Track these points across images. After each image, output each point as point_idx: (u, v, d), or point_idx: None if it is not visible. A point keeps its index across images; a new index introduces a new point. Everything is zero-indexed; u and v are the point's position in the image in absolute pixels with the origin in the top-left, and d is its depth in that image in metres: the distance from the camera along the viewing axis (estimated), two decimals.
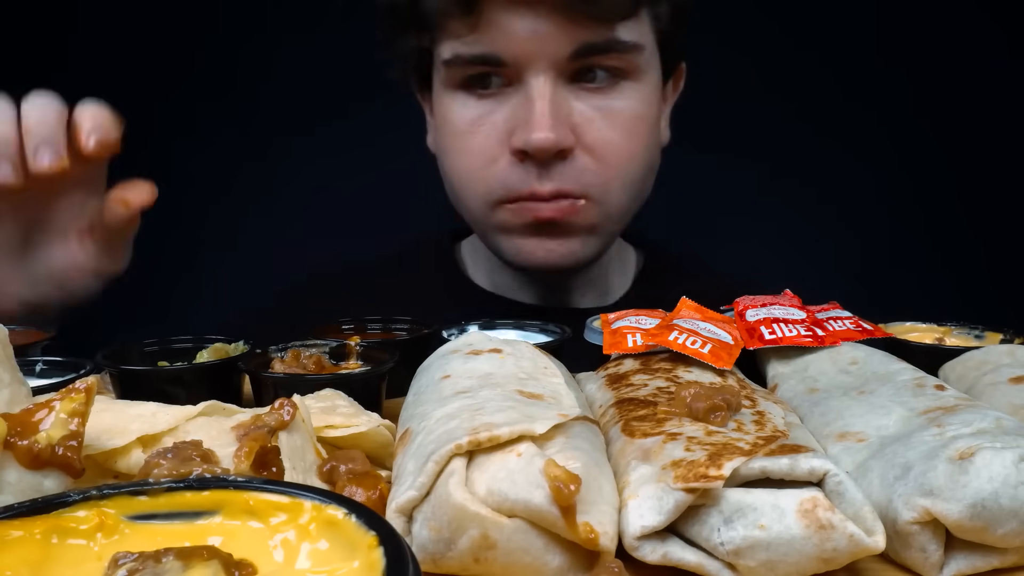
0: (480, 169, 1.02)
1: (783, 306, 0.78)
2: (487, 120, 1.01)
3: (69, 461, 0.45)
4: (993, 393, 0.63)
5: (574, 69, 0.98)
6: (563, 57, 0.96)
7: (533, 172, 0.99)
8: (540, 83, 0.96)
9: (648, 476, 0.47)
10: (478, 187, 1.04)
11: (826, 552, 0.44)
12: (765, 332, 0.73)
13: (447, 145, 1.07)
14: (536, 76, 0.96)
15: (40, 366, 0.73)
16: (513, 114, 0.99)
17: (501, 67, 0.98)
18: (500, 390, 0.55)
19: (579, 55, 0.96)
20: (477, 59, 0.98)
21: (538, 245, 1.03)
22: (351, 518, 0.36)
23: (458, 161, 1.05)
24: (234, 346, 0.79)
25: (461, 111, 1.03)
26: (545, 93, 0.96)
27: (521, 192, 1.00)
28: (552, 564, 0.44)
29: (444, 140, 1.07)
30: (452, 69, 1.01)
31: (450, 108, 1.04)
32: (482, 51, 0.97)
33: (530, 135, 0.95)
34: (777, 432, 0.51)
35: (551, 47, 0.95)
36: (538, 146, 0.95)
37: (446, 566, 0.45)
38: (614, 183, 1.03)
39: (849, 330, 0.74)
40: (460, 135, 1.03)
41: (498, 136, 1.00)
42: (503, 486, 0.44)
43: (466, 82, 1.02)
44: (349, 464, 0.52)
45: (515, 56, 0.96)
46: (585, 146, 0.99)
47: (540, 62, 0.96)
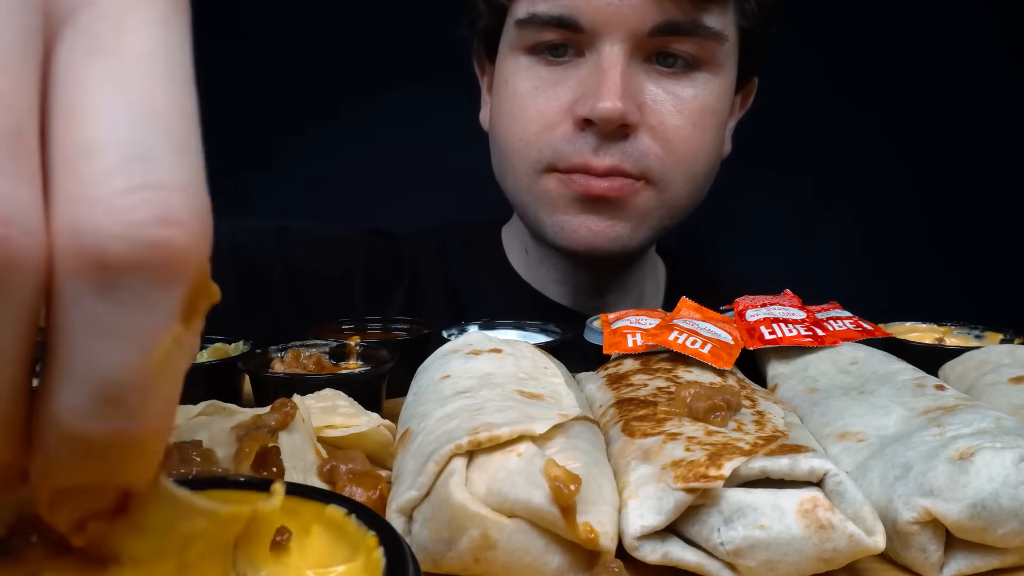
0: (536, 134, 0.99)
1: (783, 306, 0.78)
2: (553, 87, 0.98)
3: None
4: (993, 393, 0.63)
5: (651, 47, 0.95)
6: (643, 31, 0.93)
7: (592, 144, 0.96)
8: (614, 53, 0.93)
9: (648, 476, 0.47)
10: (529, 153, 1.00)
11: (826, 552, 0.44)
12: (765, 332, 0.73)
13: (505, 109, 1.03)
14: (612, 45, 0.94)
15: (40, 366, 0.73)
16: (581, 83, 0.96)
17: (576, 32, 0.95)
18: (500, 390, 0.55)
19: (659, 32, 0.94)
20: (554, 20, 0.95)
21: (583, 222, 0.99)
22: (351, 518, 0.36)
23: (513, 125, 1.01)
24: (234, 346, 0.79)
25: (526, 74, 1.00)
26: (618, 64, 0.93)
27: (574, 161, 0.97)
28: (552, 564, 0.44)
29: (503, 104, 1.03)
30: (525, 30, 0.98)
31: (514, 71, 1.01)
32: (560, 12, 0.94)
33: (597, 103, 0.92)
34: (777, 432, 0.51)
35: (633, 18, 0.93)
36: (604, 115, 0.92)
37: (446, 566, 0.45)
38: (676, 171, 0.99)
39: (849, 330, 0.74)
40: (521, 98, 1.00)
41: (561, 104, 0.97)
42: (503, 486, 0.44)
43: (536, 47, 0.99)
44: (349, 464, 0.52)
45: (593, 21, 0.93)
46: (651, 127, 0.96)
47: (618, 32, 0.93)
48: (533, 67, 0.99)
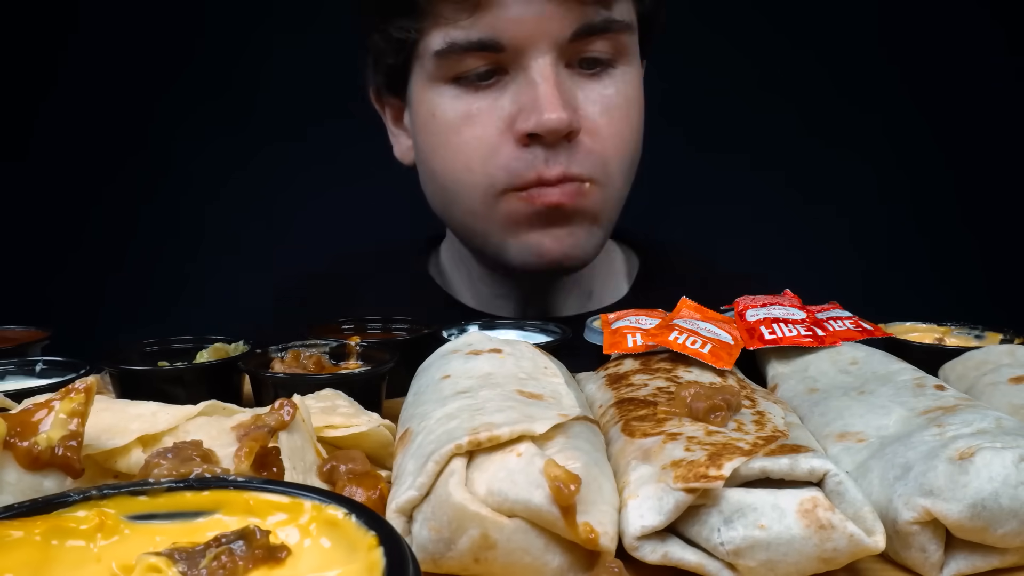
0: (482, 161, 0.98)
1: (783, 306, 0.78)
2: (485, 111, 0.98)
3: (69, 461, 0.46)
4: (993, 393, 0.63)
5: (572, 53, 0.97)
6: (564, 39, 0.94)
7: (540, 156, 0.96)
8: (544, 65, 0.94)
9: (648, 476, 0.47)
10: (479, 180, 0.99)
11: (826, 552, 0.44)
12: (765, 332, 0.73)
13: (436, 143, 1.02)
14: (539, 58, 0.94)
15: (40, 366, 0.74)
16: (515, 101, 0.96)
17: (498, 53, 0.95)
18: (500, 390, 0.55)
19: (579, 35, 0.95)
20: (474, 45, 0.95)
21: (545, 236, 1.00)
22: (351, 518, 0.36)
23: (455, 157, 1.00)
24: (234, 346, 0.79)
25: (454, 104, 0.99)
26: (549, 74, 0.94)
27: (528, 178, 0.97)
28: (552, 564, 0.44)
29: (432, 138, 1.02)
30: (445, 60, 0.96)
31: (440, 103, 0.99)
32: (480, 36, 0.94)
33: (541, 116, 0.93)
34: (777, 432, 0.51)
35: (553, 28, 0.94)
36: (551, 126, 0.93)
37: (446, 566, 0.45)
38: (615, 166, 1.01)
39: (849, 330, 0.74)
40: (456, 129, 0.99)
41: (498, 126, 0.97)
42: (503, 486, 0.44)
43: (457, 75, 0.98)
44: (349, 464, 0.52)
45: (515, 39, 0.94)
46: (587, 130, 0.98)
47: (542, 44, 0.94)
48: (461, 96, 0.98)
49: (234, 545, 0.35)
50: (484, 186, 0.99)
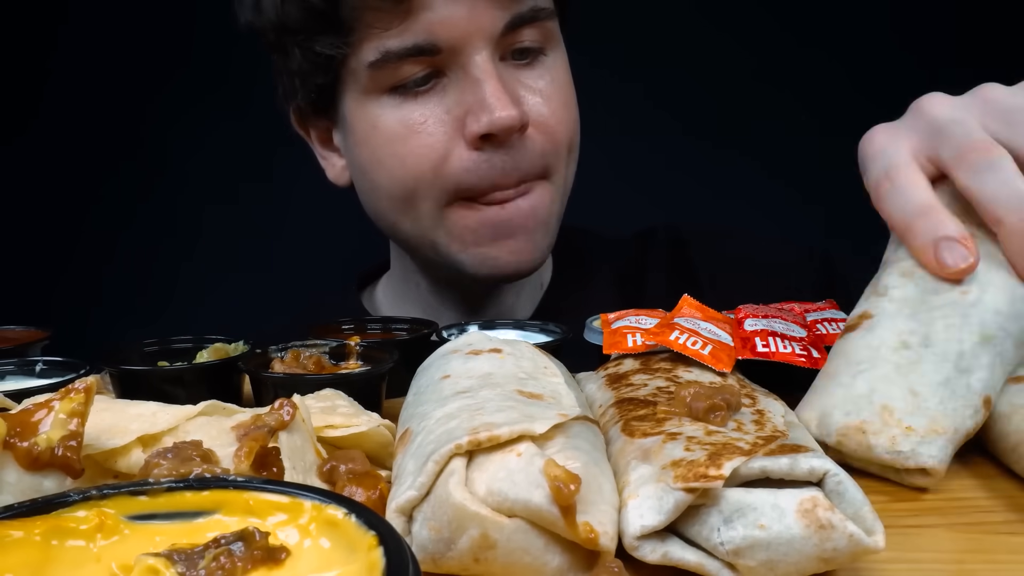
0: (433, 169, 0.95)
1: (785, 320, 0.77)
2: (430, 117, 0.95)
3: (68, 462, 0.46)
4: None
5: (505, 46, 0.96)
6: (497, 32, 0.93)
7: (494, 161, 0.94)
8: (483, 61, 0.93)
9: (648, 476, 0.47)
10: (429, 190, 0.97)
11: (826, 552, 0.44)
12: (759, 344, 0.71)
13: (381, 156, 0.98)
14: (476, 55, 0.93)
15: (40, 366, 0.74)
16: (459, 102, 0.94)
17: (435, 55, 0.93)
18: (500, 390, 0.55)
19: (509, 28, 0.94)
20: (410, 51, 0.92)
21: (503, 248, 0.99)
22: (351, 518, 0.36)
23: (402, 168, 0.97)
24: (234, 346, 0.79)
25: (395, 114, 0.96)
26: (492, 71, 0.93)
27: (483, 187, 0.96)
28: (552, 564, 0.44)
29: (376, 152, 0.99)
30: (380, 71, 0.94)
31: (379, 116, 0.97)
32: (415, 41, 0.91)
33: (493, 115, 0.91)
34: (777, 432, 0.51)
35: (486, 23, 0.92)
36: (504, 125, 0.91)
37: (446, 566, 0.45)
38: (562, 155, 1.01)
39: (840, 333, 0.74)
40: (399, 140, 0.96)
41: (446, 131, 0.95)
42: (503, 486, 0.44)
43: (395, 84, 0.95)
44: (349, 464, 0.52)
45: (451, 40, 0.92)
46: (533, 123, 0.96)
47: (478, 40, 0.92)
48: (401, 105, 0.96)
49: (233, 546, 0.35)
50: (435, 196, 0.97)
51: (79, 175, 2.40)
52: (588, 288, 1.16)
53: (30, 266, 2.37)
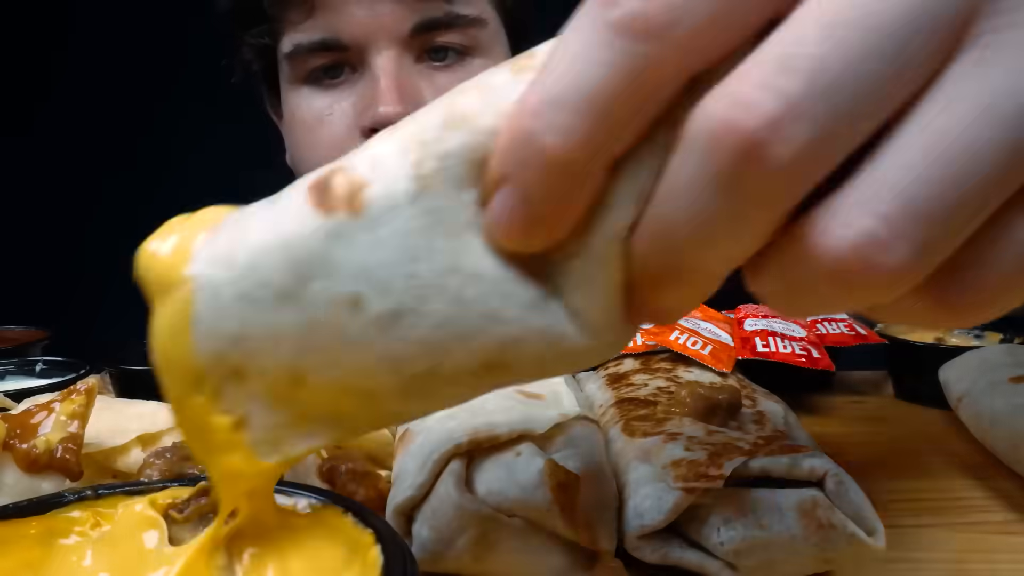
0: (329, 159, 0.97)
1: (785, 320, 0.77)
2: (335, 108, 0.98)
3: (67, 464, 0.45)
4: (993, 393, 0.63)
5: (418, 47, 0.96)
6: (404, 34, 0.94)
7: None
8: (383, 60, 0.94)
9: (648, 476, 0.47)
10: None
11: (826, 552, 0.44)
12: (759, 344, 0.72)
13: (296, 143, 1.04)
14: (379, 54, 0.94)
15: (40, 366, 0.74)
16: (361, 97, 0.97)
17: (343, 52, 0.96)
18: (500, 390, 0.55)
19: (420, 30, 0.95)
20: (317, 46, 0.96)
21: None
22: (348, 517, 0.36)
23: (308, 155, 1.02)
24: None
25: (308, 103, 1.00)
26: (389, 69, 0.94)
27: None
28: (552, 564, 0.44)
29: (292, 138, 1.04)
30: (295, 62, 0.98)
31: (298, 104, 1.01)
32: (321, 36, 0.95)
33: (377, 109, 0.93)
34: (777, 432, 0.51)
35: (390, 23, 0.93)
36: (384, 119, 0.92)
37: (446, 566, 0.45)
38: None
39: (843, 333, 0.74)
40: (308, 128, 1.01)
41: (347, 123, 0.98)
42: (503, 486, 0.44)
43: (311, 75, 0.99)
44: (349, 464, 0.52)
45: (355, 37, 0.94)
46: None
47: (381, 40, 0.94)
48: (314, 95, 0.99)
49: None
50: None
51: (80, 175, 2.41)
52: None
53: (30, 266, 2.37)
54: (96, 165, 2.39)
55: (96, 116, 2.36)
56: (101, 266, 2.39)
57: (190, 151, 2.28)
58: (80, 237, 2.43)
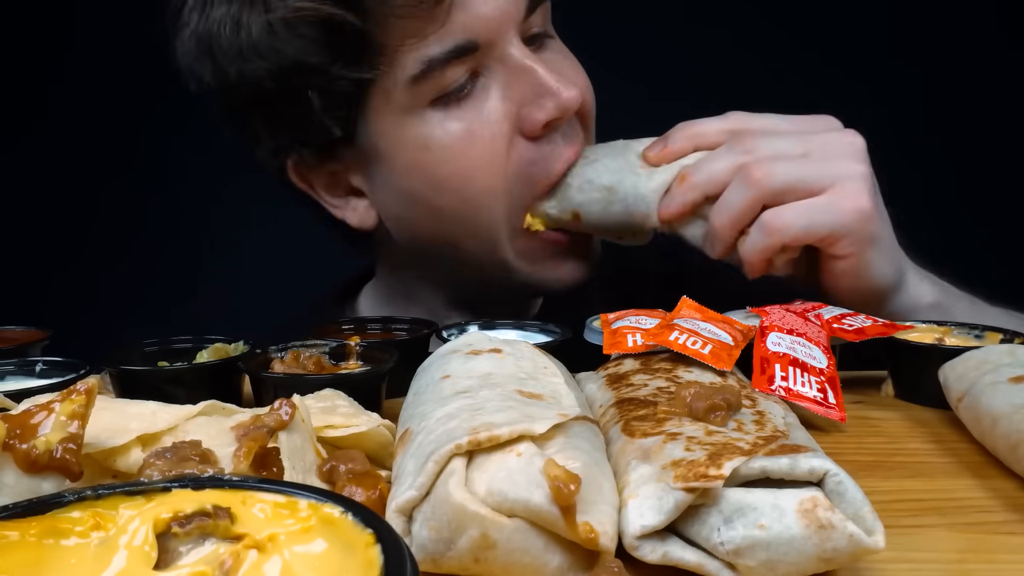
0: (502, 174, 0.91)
1: (810, 341, 0.74)
2: (482, 120, 0.90)
3: (67, 464, 0.45)
4: (993, 393, 0.63)
5: (523, 33, 0.93)
6: (521, 17, 0.91)
7: (557, 141, 0.93)
8: (519, 50, 0.91)
9: (648, 476, 0.47)
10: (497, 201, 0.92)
11: (826, 552, 0.44)
12: (778, 375, 0.68)
13: (439, 176, 0.91)
14: (511, 46, 0.90)
15: (40, 366, 0.74)
16: (509, 96, 0.90)
17: (473, 54, 0.88)
18: (500, 390, 0.55)
19: (529, 11, 0.92)
20: (453, 53, 0.86)
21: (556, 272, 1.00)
22: (348, 516, 0.36)
23: (468, 185, 0.91)
24: (234, 346, 0.79)
25: (446, 128, 0.90)
26: (531, 55, 0.91)
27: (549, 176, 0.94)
28: (552, 564, 0.44)
29: (432, 173, 0.91)
30: (424, 82, 0.87)
31: (430, 134, 0.90)
32: (456, 42, 0.86)
33: (559, 97, 0.89)
34: (777, 432, 0.51)
35: (512, 9, 0.90)
36: (571, 105, 0.90)
37: (446, 566, 0.45)
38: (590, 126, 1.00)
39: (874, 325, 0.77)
40: (459, 154, 0.90)
41: (503, 129, 0.90)
42: (503, 486, 0.44)
43: (437, 96, 0.89)
44: (349, 464, 0.52)
45: (489, 32, 0.88)
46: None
47: (509, 30, 0.90)
48: (447, 116, 0.90)
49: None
50: (503, 202, 0.93)
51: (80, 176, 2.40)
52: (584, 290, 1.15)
53: (30, 266, 2.37)
54: (97, 166, 2.39)
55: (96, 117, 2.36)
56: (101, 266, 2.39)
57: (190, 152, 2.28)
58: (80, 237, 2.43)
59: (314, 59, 0.86)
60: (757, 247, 0.84)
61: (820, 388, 0.69)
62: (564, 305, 1.07)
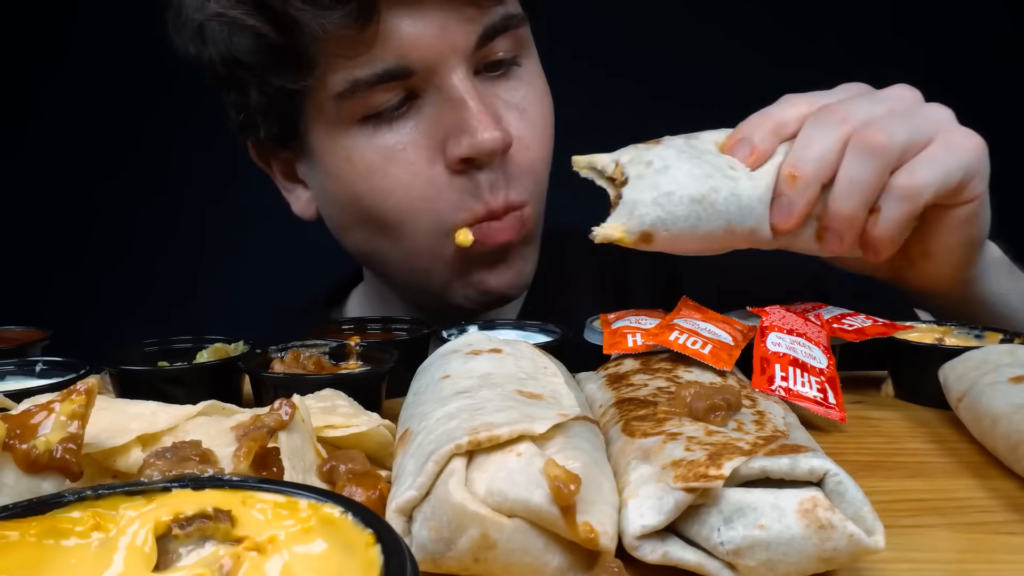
0: (422, 198, 0.91)
1: (810, 341, 0.74)
2: (409, 144, 0.90)
3: (67, 464, 0.45)
4: (993, 393, 0.63)
5: (478, 60, 0.91)
6: (471, 47, 0.88)
7: (480, 182, 0.90)
8: (461, 79, 0.88)
9: (648, 476, 0.47)
10: (423, 219, 0.91)
11: (826, 552, 0.44)
12: (778, 375, 0.68)
13: (360, 190, 0.92)
14: (454, 74, 0.88)
15: (40, 366, 0.74)
16: (439, 124, 0.89)
17: (408, 78, 0.87)
18: (500, 390, 0.55)
19: (483, 40, 0.89)
20: (382, 77, 0.86)
21: (491, 275, 0.96)
22: (347, 516, 0.36)
23: (386, 200, 0.91)
24: (234, 346, 0.79)
25: (370, 145, 0.90)
26: (471, 89, 0.88)
27: (477, 211, 0.91)
28: (552, 564, 0.44)
29: (353, 186, 0.92)
30: (350, 101, 0.88)
31: (352, 149, 0.90)
32: (386, 66, 0.85)
33: (475, 138, 0.86)
34: (777, 432, 0.51)
35: (459, 39, 0.87)
36: (488, 148, 0.87)
37: (446, 566, 0.45)
38: (542, 172, 0.97)
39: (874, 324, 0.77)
40: (378, 172, 0.90)
41: (427, 155, 0.90)
42: (503, 486, 0.44)
43: (365, 115, 0.89)
44: (349, 464, 0.52)
45: (424, 60, 0.86)
46: (514, 142, 0.92)
47: (453, 58, 0.87)
48: (375, 134, 0.90)
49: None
50: (431, 224, 0.92)
51: (80, 176, 2.40)
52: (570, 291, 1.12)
53: (30, 266, 2.37)
54: (96, 166, 2.39)
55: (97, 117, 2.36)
56: (101, 266, 2.39)
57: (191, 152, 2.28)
58: (80, 237, 2.43)
59: (248, 59, 0.88)
60: (896, 219, 0.72)
61: (820, 388, 0.69)
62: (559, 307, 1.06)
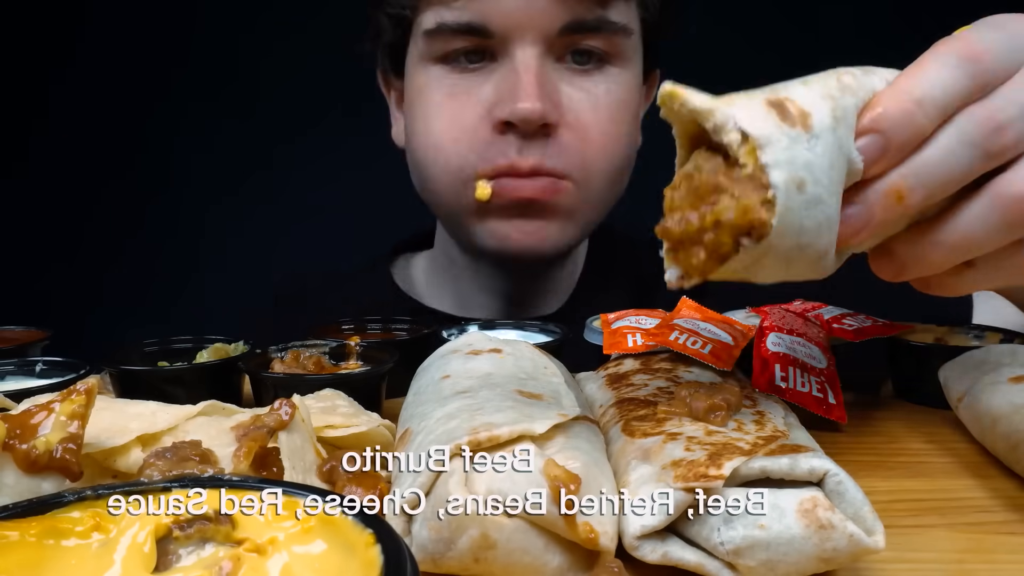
0: (455, 140, 0.98)
1: (810, 341, 0.74)
2: (469, 93, 0.98)
3: (67, 464, 0.45)
4: (993, 393, 0.63)
5: (562, 47, 0.96)
6: (552, 32, 0.94)
7: (514, 146, 0.95)
8: (527, 55, 0.94)
9: (648, 476, 0.47)
10: (452, 160, 0.98)
11: (826, 552, 0.44)
12: (778, 375, 0.67)
13: (419, 119, 1.02)
14: (523, 48, 0.94)
15: (40, 366, 0.74)
16: (496, 88, 0.96)
17: (487, 38, 0.95)
18: (500, 390, 0.55)
19: (568, 31, 0.94)
20: (463, 28, 0.95)
21: (514, 227, 0.99)
22: (348, 516, 0.36)
23: (431, 136, 1.00)
24: (234, 346, 0.79)
25: (439, 84, 0.99)
26: (532, 65, 0.94)
27: (499, 165, 0.96)
28: (552, 564, 0.44)
29: (418, 117, 1.02)
30: (434, 40, 0.97)
31: (427, 83, 1.00)
32: (469, 19, 0.94)
33: (516, 104, 0.92)
34: (777, 432, 0.51)
35: (541, 20, 0.93)
36: (524, 115, 0.92)
37: (446, 566, 0.45)
38: (596, 166, 0.99)
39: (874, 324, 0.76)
40: (436, 106, 0.99)
41: (478, 110, 0.97)
42: (503, 486, 0.44)
43: (447, 56, 0.98)
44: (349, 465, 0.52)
45: (503, 26, 0.93)
46: (569, 125, 0.96)
47: (529, 34, 0.94)
48: (446, 76, 0.99)
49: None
50: (455, 168, 0.98)
51: (81, 175, 2.41)
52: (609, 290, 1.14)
53: (30, 266, 2.37)
54: (97, 166, 2.39)
55: (97, 117, 2.36)
56: (101, 266, 2.39)
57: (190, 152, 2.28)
58: (81, 237, 2.43)
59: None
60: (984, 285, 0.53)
61: (820, 388, 0.69)
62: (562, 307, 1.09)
